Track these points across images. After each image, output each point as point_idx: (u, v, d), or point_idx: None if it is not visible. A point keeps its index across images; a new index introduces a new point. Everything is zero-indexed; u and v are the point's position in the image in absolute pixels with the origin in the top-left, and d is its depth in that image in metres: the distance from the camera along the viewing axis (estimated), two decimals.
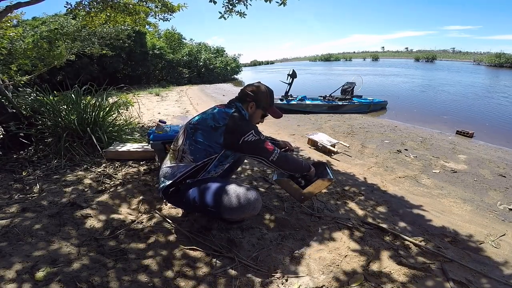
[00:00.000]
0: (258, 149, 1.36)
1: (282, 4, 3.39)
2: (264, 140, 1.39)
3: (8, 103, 2.61)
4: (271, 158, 1.37)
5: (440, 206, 2.25)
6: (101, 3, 4.30)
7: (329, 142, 3.68)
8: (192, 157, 1.34)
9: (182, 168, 1.35)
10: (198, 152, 1.34)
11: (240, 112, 1.44)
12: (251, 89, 1.48)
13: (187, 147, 1.36)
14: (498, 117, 7.19)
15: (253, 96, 1.46)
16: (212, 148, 1.34)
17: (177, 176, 1.35)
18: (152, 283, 1.12)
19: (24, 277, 1.05)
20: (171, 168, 1.39)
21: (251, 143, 1.34)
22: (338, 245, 1.49)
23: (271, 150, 1.38)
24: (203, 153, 1.34)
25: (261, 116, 1.54)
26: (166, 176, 1.39)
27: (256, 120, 1.53)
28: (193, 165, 1.34)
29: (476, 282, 1.29)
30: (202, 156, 1.34)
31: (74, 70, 12.69)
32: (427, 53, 51.44)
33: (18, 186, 1.89)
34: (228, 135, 1.33)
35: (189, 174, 1.36)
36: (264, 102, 1.48)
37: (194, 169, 1.35)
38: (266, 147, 1.37)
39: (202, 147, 1.34)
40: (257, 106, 1.48)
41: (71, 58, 8.55)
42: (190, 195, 1.35)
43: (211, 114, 1.40)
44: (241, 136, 1.32)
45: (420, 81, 15.72)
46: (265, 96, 1.48)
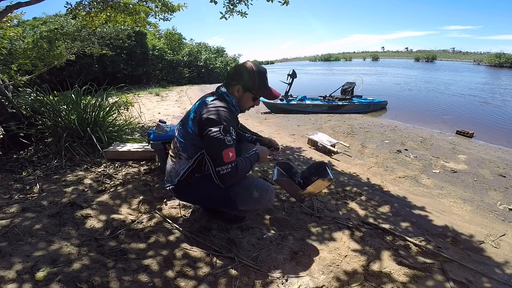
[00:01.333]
0: (214, 150, 1.19)
1: (285, 4, 3.39)
2: (228, 144, 1.19)
3: (8, 103, 2.61)
4: (219, 169, 1.17)
5: (440, 206, 2.25)
6: (101, 3, 4.30)
7: (329, 142, 3.68)
8: (185, 154, 1.30)
9: (183, 165, 1.32)
10: (188, 148, 1.29)
11: (223, 99, 1.32)
12: (236, 70, 1.35)
13: (179, 144, 1.32)
14: (498, 117, 7.19)
15: (238, 78, 1.32)
16: (197, 141, 1.26)
17: (181, 174, 1.32)
18: (152, 283, 1.12)
19: (24, 277, 1.05)
20: (174, 166, 1.36)
21: (211, 139, 1.18)
22: (338, 245, 1.49)
23: (226, 161, 1.18)
24: (192, 148, 1.29)
25: (252, 99, 1.38)
26: (172, 175, 1.37)
27: (247, 104, 1.40)
28: (191, 161, 1.30)
29: (476, 282, 1.29)
30: (193, 152, 1.29)
31: (75, 70, 12.70)
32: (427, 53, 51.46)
33: (18, 186, 1.89)
34: (197, 125, 1.24)
35: (192, 169, 1.31)
36: (252, 83, 1.32)
37: (193, 165, 1.30)
38: (223, 154, 1.17)
39: (189, 142, 1.28)
40: (244, 89, 1.33)
41: (71, 58, 8.55)
42: (202, 188, 1.32)
43: (195, 106, 1.35)
44: (206, 127, 1.19)
45: (420, 81, 15.72)
46: (252, 76, 1.31)
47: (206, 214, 1.64)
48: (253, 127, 5.08)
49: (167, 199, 1.81)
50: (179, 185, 1.35)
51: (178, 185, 1.35)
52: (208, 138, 1.19)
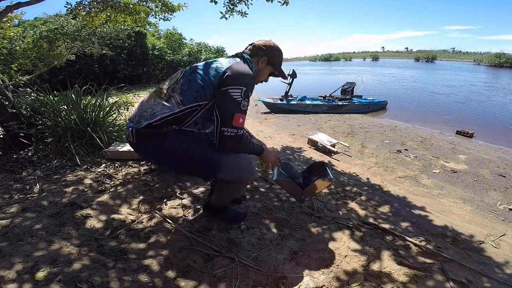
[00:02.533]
0: (227, 110, 1.14)
1: (285, 4, 3.39)
2: (243, 109, 1.16)
3: (8, 103, 2.61)
4: (224, 129, 1.13)
5: (440, 206, 2.25)
6: (101, 3, 4.30)
7: (329, 142, 3.68)
8: (180, 98, 1.16)
9: (166, 109, 1.16)
10: (189, 93, 1.17)
11: (247, 64, 1.29)
12: (264, 43, 1.35)
13: (179, 86, 1.20)
14: (498, 117, 7.19)
15: (266, 51, 1.33)
16: (205, 91, 1.16)
17: (158, 118, 1.15)
18: (152, 283, 1.12)
19: (24, 277, 1.05)
20: (153, 107, 1.20)
21: (229, 98, 1.14)
22: (338, 245, 1.49)
23: (234, 125, 1.14)
24: (194, 95, 1.16)
25: (269, 73, 1.42)
26: (144, 115, 1.19)
27: (263, 77, 1.41)
28: (180, 108, 1.15)
29: (476, 282, 1.29)
30: (191, 99, 1.16)
31: (75, 70, 12.70)
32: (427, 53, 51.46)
33: (18, 186, 1.89)
34: (219, 76, 1.16)
35: (173, 118, 1.16)
36: (276, 58, 1.37)
37: (179, 113, 1.16)
38: (234, 116, 1.13)
39: (194, 88, 1.17)
40: (269, 62, 1.36)
41: (71, 58, 8.56)
42: (181, 144, 1.19)
43: (216, 60, 1.29)
44: (229, 84, 1.14)
45: (420, 81, 15.72)
46: (278, 52, 1.37)
47: (206, 214, 1.64)
48: (253, 127, 5.08)
49: (167, 199, 1.81)
50: (147, 131, 1.16)
51: (145, 130, 1.16)
52: (226, 95, 1.13)
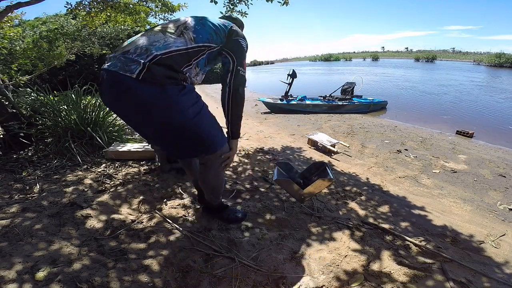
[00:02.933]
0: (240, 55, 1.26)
1: (285, 4, 3.39)
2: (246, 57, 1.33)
3: (8, 103, 2.61)
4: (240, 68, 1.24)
5: (440, 206, 2.25)
6: (101, 3, 4.30)
7: (329, 142, 3.69)
8: (194, 35, 1.15)
9: (179, 43, 1.11)
10: (203, 33, 1.18)
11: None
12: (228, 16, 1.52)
13: (192, 25, 1.19)
14: (498, 117, 7.19)
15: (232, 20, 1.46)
16: (217, 36, 1.22)
17: (172, 49, 1.08)
18: (152, 283, 1.12)
19: (24, 277, 1.05)
20: (165, 38, 1.11)
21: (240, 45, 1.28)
22: (338, 245, 1.49)
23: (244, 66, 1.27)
24: (207, 36, 1.19)
25: None
26: (155, 45, 1.07)
27: None
28: (192, 44, 1.13)
29: (476, 282, 1.29)
30: (204, 39, 1.17)
31: (75, 70, 12.71)
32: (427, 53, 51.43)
33: (18, 186, 1.89)
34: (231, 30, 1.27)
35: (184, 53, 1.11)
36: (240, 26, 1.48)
37: (191, 49, 1.13)
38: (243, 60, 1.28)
39: (208, 30, 1.20)
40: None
41: (71, 58, 8.56)
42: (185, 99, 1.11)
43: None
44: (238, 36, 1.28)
45: (420, 81, 15.73)
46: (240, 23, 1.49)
47: (206, 214, 1.64)
48: (253, 127, 5.08)
49: (167, 199, 1.81)
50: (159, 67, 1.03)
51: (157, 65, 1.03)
52: (237, 43, 1.26)
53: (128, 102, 1.08)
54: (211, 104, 8.29)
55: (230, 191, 2.00)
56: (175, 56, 1.08)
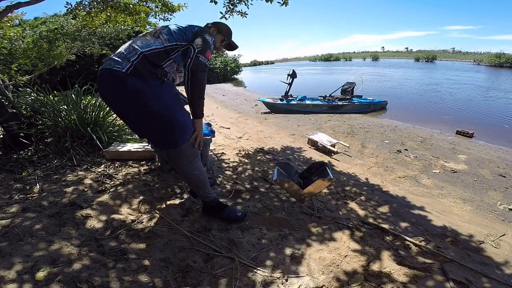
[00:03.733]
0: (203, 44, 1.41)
1: (284, 4, 3.39)
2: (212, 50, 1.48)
3: (8, 103, 2.61)
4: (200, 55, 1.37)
5: (440, 206, 2.25)
6: (101, 3, 4.30)
7: (329, 142, 3.69)
8: (167, 37, 1.42)
9: (158, 43, 1.39)
10: (176, 35, 1.44)
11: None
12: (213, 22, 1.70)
13: (166, 30, 1.45)
14: (498, 117, 7.19)
15: (215, 24, 1.67)
16: (186, 35, 1.45)
17: (152, 48, 1.36)
18: (152, 283, 1.12)
19: (24, 277, 1.05)
20: (146, 42, 1.39)
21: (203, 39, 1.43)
22: (338, 245, 1.49)
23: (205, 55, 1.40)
24: (178, 36, 1.44)
25: (221, 40, 1.68)
26: (139, 45, 1.36)
27: (217, 43, 1.67)
28: (166, 44, 1.40)
29: (476, 282, 1.29)
30: (177, 38, 1.43)
31: (75, 70, 12.70)
32: (427, 53, 51.36)
33: (18, 186, 1.89)
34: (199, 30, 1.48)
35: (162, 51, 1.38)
36: (224, 29, 1.67)
37: (165, 48, 1.39)
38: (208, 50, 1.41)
39: (179, 32, 1.45)
40: (218, 31, 1.66)
41: (71, 58, 8.56)
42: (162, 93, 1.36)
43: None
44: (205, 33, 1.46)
45: (420, 81, 15.73)
46: (224, 26, 1.68)
47: (205, 214, 1.64)
48: (253, 127, 5.08)
49: (167, 199, 1.81)
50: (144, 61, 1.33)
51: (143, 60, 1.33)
52: (202, 37, 1.43)
53: (118, 93, 1.33)
54: (211, 104, 8.19)
55: (230, 191, 2.00)
56: (155, 53, 1.36)
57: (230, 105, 8.07)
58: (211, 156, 2.81)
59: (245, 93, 11.68)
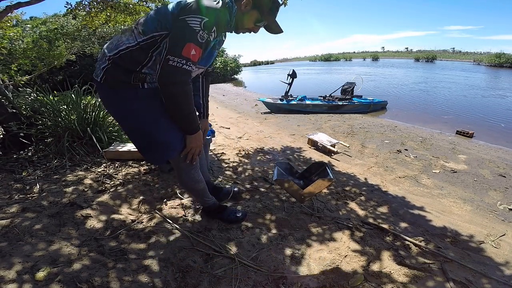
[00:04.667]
0: (178, 37, 1.00)
1: (283, 4, 3.40)
2: (199, 41, 1.00)
3: (8, 103, 2.61)
4: (170, 57, 0.98)
5: (440, 206, 2.25)
6: (101, 3, 4.30)
7: (329, 142, 3.68)
8: (142, 28, 1.07)
9: (130, 39, 1.08)
10: (151, 22, 1.07)
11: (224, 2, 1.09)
12: None
13: (145, 18, 1.10)
14: (498, 117, 7.19)
15: None
16: (165, 20, 1.05)
17: (122, 48, 1.07)
18: (152, 283, 1.12)
19: (24, 277, 1.05)
20: (116, 40, 1.12)
21: (183, 26, 0.99)
22: (338, 245, 1.49)
23: (183, 55, 0.98)
24: (155, 24, 1.06)
25: (256, 20, 1.19)
26: (109, 47, 1.11)
27: (248, 24, 1.20)
28: (141, 38, 1.06)
29: (476, 282, 1.29)
30: (152, 29, 1.06)
31: (75, 70, 12.70)
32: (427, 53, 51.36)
33: (18, 186, 1.89)
34: (182, 6, 1.04)
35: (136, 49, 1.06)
36: (265, 3, 1.15)
37: (141, 43, 1.06)
38: (185, 45, 0.98)
39: (157, 17, 1.07)
40: (254, 5, 1.15)
41: (71, 58, 8.56)
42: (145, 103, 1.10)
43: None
44: (187, 13, 1.00)
45: (420, 81, 15.73)
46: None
47: (205, 214, 1.64)
48: (253, 127, 5.08)
49: (167, 199, 1.81)
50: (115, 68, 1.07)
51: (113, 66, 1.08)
52: (182, 23, 1.00)
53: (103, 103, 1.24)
54: (211, 104, 8.19)
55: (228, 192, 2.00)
56: (125, 54, 1.07)
57: (230, 105, 8.08)
58: (211, 156, 2.81)
59: (245, 93, 11.68)
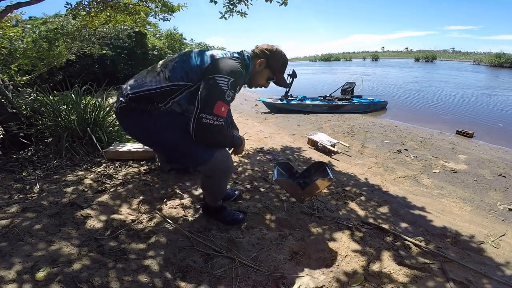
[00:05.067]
0: (209, 96, 1.12)
1: (283, 4, 3.39)
2: (226, 99, 1.15)
3: (8, 103, 2.61)
4: (203, 115, 1.10)
5: (440, 206, 2.25)
6: (101, 3, 4.30)
7: (329, 142, 3.68)
8: (169, 74, 1.19)
9: (154, 82, 1.20)
10: (177, 71, 1.19)
11: (243, 60, 1.30)
12: (267, 47, 1.36)
13: (171, 64, 1.23)
14: (498, 117, 7.19)
15: (267, 54, 1.34)
16: (193, 73, 1.18)
17: (144, 89, 1.19)
18: (152, 283, 1.12)
19: (24, 277, 1.05)
20: (143, 78, 1.23)
21: (213, 85, 1.12)
22: (338, 245, 1.49)
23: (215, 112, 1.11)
24: (181, 75, 1.18)
25: (267, 78, 1.40)
26: (133, 84, 1.24)
27: (261, 80, 1.40)
28: (166, 84, 1.18)
29: (476, 282, 1.29)
30: (178, 78, 1.18)
31: (75, 70, 12.70)
32: (427, 53, 51.38)
33: (18, 186, 1.89)
34: (208, 63, 1.19)
35: (158, 92, 1.18)
36: (276, 64, 1.37)
37: (165, 88, 1.18)
38: (216, 103, 1.11)
39: (184, 68, 1.20)
40: (267, 65, 1.36)
41: (71, 58, 8.57)
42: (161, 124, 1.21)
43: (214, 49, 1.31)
44: (216, 72, 1.15)
45: (420, 81, 15.73)
46: (279, 58, 1.36)
47: (205, 214, 1.63)
48: (253, 127, 5.08)
49: (167, 199, 1.81)
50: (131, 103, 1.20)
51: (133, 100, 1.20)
52: (212, 81, 1.13)
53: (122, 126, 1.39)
54: None
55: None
56: (145, 96, 1.20)
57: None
58: None
59: (245, 93, 11.68)
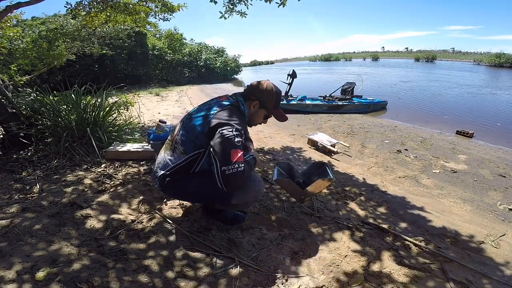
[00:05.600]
0: (222, 149, 1.18)
1: (282, 5, 3.40)
2: (237, 145, 1.20)
3: (8, 103, 2.61)
4: (225, 168, 1.16)
5: (440, 206, 2.25)
6: (101, 3, 4.30)
7: (329, 142, 3.68)
8: (182, 148, 1.29)
9: (174, 159, 1.31)
10: (188, 143, 1.28)
11: (238, 106, 1.37)
12: (257, 86, 1.40)
13: (179, 137, 1.32)
14: (498, 117, 7.19)
15: (258, 95, 1.38)
16: (199, 140, 1.27)
17: (169, 167, 1.31)
18: (152, 283, 1.12)
19: (24, 277, 1.05)
20: (164, 158, 1.35)
21: (221, 140, 1.18)
22: (338, 245, 1.49)
23: (233, 161, 1.16)
24: (192, 145, 1.28)
25: (264, 116, 1.47)
26: (159, 166, 1.36)
27: (258, 120, 1.47)
28: (184, 157, 1.29)
29: (476, 282, 1.29)
30: (191, 148, 1.28)
31: (75, 70, 12.69)
32: (427, 53, 51.31)
33: (18, 186, 1.89)
34: (208, 125, 1.25)
35: (181, 167, 1.30)
36: (269, 102, 1.40)
37: (185, 161, 1.29)
38: (231, 152, 1.17)
39: (191, 138, 1.28)
40: (261, 106, 1.41)
41: (71, 58, 8.56)
42: (192, 184, 1.32)
43: (207, 104, 1.38)
44: (218, 128, 1.21)
45: (420, 81, 15.73)
46: (271, 96, 1.39)
47: (205, 214, 1.63)
48: (253, 127, 5.07)
49: (167, 199, 1.80)
50: (165, 179, 1.33)
51: (163, 179, 1.33)
52: (217, 137, 1.20)
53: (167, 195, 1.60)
54: None
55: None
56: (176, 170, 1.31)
57: None
58: None
59: None
